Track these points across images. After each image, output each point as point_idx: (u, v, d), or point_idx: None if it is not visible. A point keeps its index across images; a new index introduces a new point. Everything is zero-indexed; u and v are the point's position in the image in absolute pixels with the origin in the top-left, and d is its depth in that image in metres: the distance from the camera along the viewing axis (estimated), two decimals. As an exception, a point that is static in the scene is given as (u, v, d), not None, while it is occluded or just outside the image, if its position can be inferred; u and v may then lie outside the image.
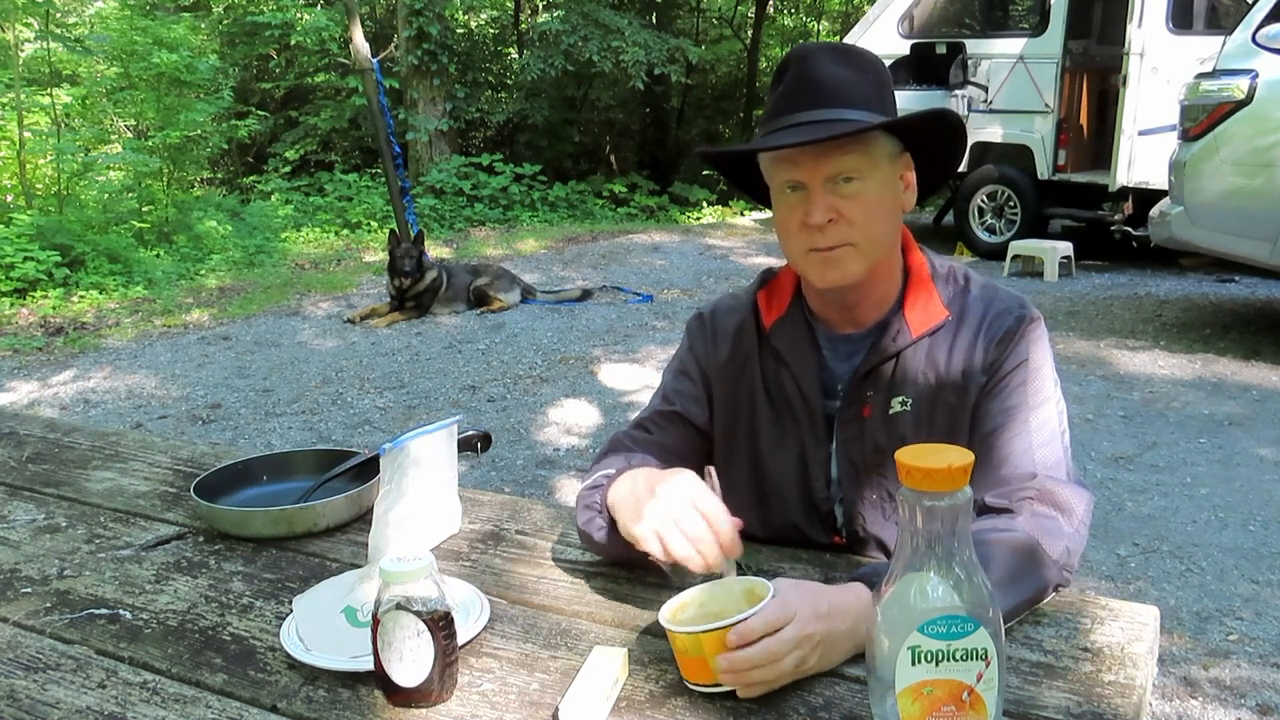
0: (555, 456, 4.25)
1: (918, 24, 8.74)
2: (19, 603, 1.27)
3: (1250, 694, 2.45)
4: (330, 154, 13.81)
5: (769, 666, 1.00)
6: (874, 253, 1.29)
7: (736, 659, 0.99)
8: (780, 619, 1.01)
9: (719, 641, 1.00)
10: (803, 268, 1.33)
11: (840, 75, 1.27)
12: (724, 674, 1.00)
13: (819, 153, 1.24)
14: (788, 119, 1.27)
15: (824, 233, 1.26)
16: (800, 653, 1.01)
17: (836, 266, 1.28)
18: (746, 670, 1.00)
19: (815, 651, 1.02)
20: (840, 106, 1.25)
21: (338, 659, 1.09)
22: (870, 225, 1.27)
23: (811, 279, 1.33)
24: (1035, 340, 1.31)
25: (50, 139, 9.00)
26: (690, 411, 1.43)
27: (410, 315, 6.82)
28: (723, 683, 1.01)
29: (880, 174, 1.27)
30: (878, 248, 1.30)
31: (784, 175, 1.28)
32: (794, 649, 1.01)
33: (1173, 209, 5.63)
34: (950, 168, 1.40)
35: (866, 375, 1.33)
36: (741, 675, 1.00)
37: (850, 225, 1.26)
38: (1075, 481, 1.26)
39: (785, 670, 1.01)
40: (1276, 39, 5.17)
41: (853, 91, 1.26)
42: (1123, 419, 4.49)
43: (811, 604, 1.04)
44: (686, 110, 15.66)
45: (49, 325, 6.81)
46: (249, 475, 1.59)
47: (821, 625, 1.03)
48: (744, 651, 0.99)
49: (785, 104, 1.28)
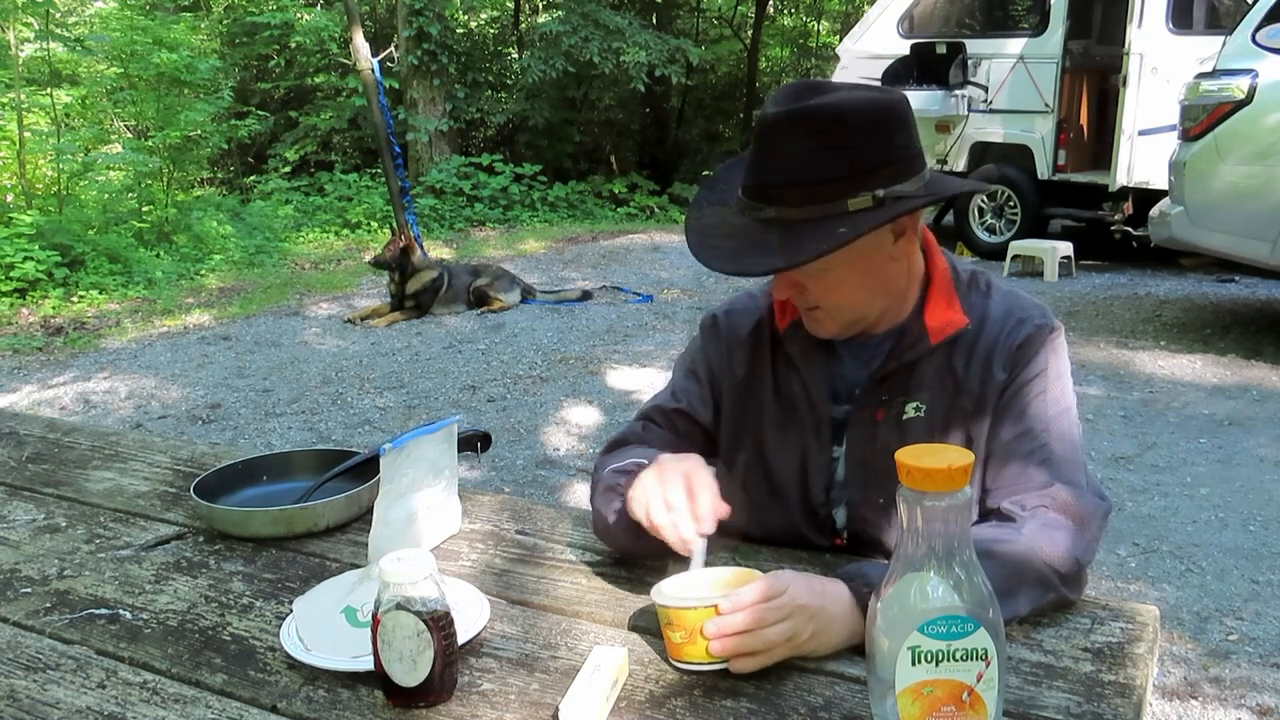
0: (555, 456, 4.25)
1: (918, 24, 8.74)
2: (19, 603, 1.27)
3: (1250, 694, 2.45)
4: (330, 154, 13.80)
5: (757, 634, 1.01)
6: (851, 316, 1.30)
7: (724, 623, 1.01)
8: (773, 590, 1.03)
9: (711, 615, 1.01)
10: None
11: (797, 159, 1.18)
12: (712, 641, 1.01)
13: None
14: (746, 205, 1.23)
15: (795, 300, 1.28)
16: (793, 623, 1.02)
17: (816, 322, 1.31)
18: (733, 636, 1.01)
19: (809, 625, 1.04)
20: (791, 204, 1.18)
21: (338, 659, 1.09)
22: (840, 301, 1.27)
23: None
24: (1055, 350, 1.30)
25: (50, 139, 8.99)
26: (697, 412, 1.43)
27: (410, 315, 6.82)
28: (713, 654, 1.02)
29: (847, 255, 1.20)
30: (855, 312, 1.30)
31: None
32: (785, 618, 1.02)
33: (1173, 209, 5.63)
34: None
35: (882, 380, 1.32)
36: (729, 643, 1.01)
37: (816, 299, 1.27)
38: (1094, 491, 1.25)
39: (774, 639, 1.02)
40: (1276, 39, 5.17)
41: (810, 177, 1.17)
42: (1123, 419, 4.49)
43: (805, 582, 1.07)
44: (686, 110, 15.66)
45: (49, 325, 6.81)
46: (249, 475, 1.59)
47: (815, 600, 1.05)
48: (732, 617, 1.01)
49: (745, 187, 1.24)
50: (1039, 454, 1.25)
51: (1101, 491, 1.27)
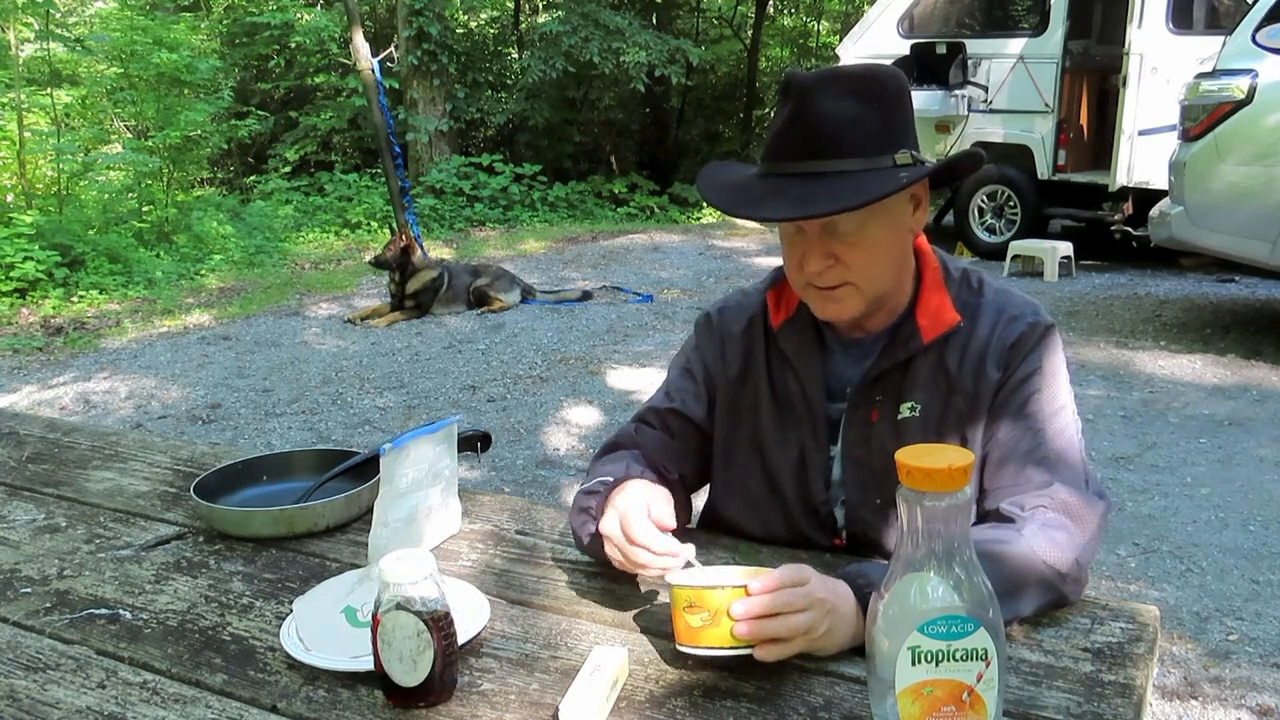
0: (555, 456, 4.25)
1: (917, 24, 8.73)
2: (19, 603, 1.27)
3: (1250, 694, 2.45)
4: (330, 154, 13.80)
5: (783, 619, 1.01)
6: (876, 289, 1.29)
7: (752, 604, 1.00)
8: (798, 577, 1.04)
9: (739, 596, 1.01)
10: (803, 296, 1.33)
11: (843, 115, 1.20)
12: (739, 621, 1.00)
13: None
14: (785, 166, 1.23)
15: (822, 275, 1.26)
16: (813, 614, 1.03)
17: (836, 303, 1.29)
18: (760, 619, 1.00)
19: (825, 620, 1.04)
20: (841, 156, 1.20)
21: (338, 659, 1.09)
22: (871, 268, 1.26)
23: (812, 309, 1.33)
24: (1049, 348, 1.30)
25: (50, 139, 8.99)
26: (691, 410, 1.43)
27: (410, 315, 6.82)
28: (738, 636, 1.01)
29: (884, 215, 1.24)
30: (880, 284, 1.29)
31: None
32: (808, 607, 1.02)
33: (1173, 209, 5.63)
34: (966, 174, 1.40)
35: (876, 379, 1.32)
36: (756, 626, 1.00)
37: (849, 269, 1.25)
38: (1093, 490, 1.25)
39: (798, 626, 1.02)
40: (1276, 39, 5.17)
41: (856, 133, 1.20)
42: (1123, 419, 4.49)
43: (820, 578, 1.07)
44: (686, 110, 15.65)
45: (49, 325, 6.81)
46: (249, 475, 1.59)
47: (831, 596, 1.06)
48: (760, 598, 1.01)
49: (783, 147, 1.23)
50: (1036, 454, 1.25)
51: (1101, 491, 1.27)
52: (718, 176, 1.34)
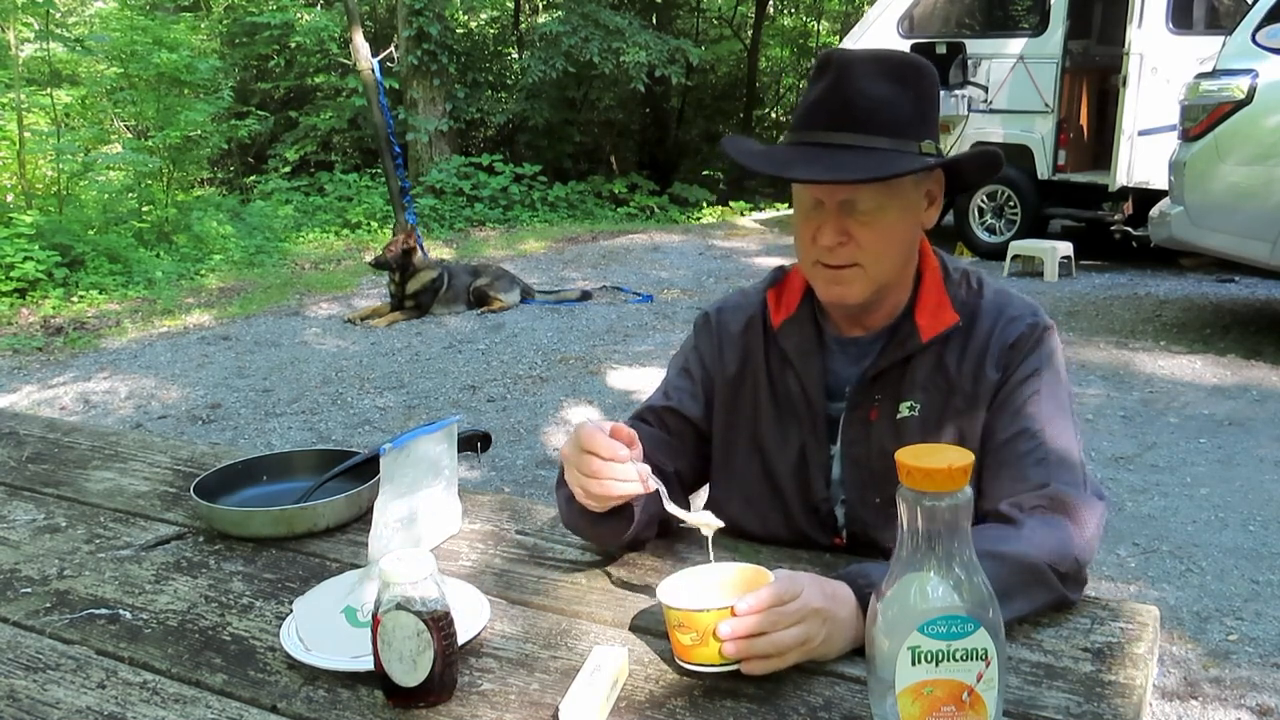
0: (555, 456, 4.25)
1: (917, 24, 8.74)
2: (19, 603, 1.27)
3: (1250, 694, 2.45)
4: (330, 154, 13.81)
5: (771, 637, 1.00)
6: (883, 276, 1.29)
7: (738, 625, 1.00)
8: (788, 593, 1.02)
9: (725, 617, 1.01)
10: (810, 277, 1.33)
11: (878, 94, 1.22)
12: (726, 642, 1.00)
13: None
14: (816, 135, 1.24)
15: (833, 252, 1.26)
16: (806, 627, 1.02)
17: (842, 284, 1.29)
18: (747, 639, 1.00)
19: (822, 629, 1.03)
20: (873, 133, 1.22)
21: (338, 659, 1.09)
22: (882, 251, 1.27)
23: (817, 290, 1.34)
24: (1048, 349, 1.30)
25: (50, 139, 9.00)
26: (688, 408, 1.43)
27: (410, 315, 6.82)
28: (726, 655, 1.01)
29: (902, 200, 1.26)
30: (887, 271, 1.29)
31: (802, 187, 1.28)
32: (799, 621, 1.01)
33: (1173, 209, 5.63)
34: (977, 185, 1.41)
35: (875, 379, 1.32)
36: (744, 645, 1.00)
37: (860, 249, 1.25)
38: (1091, 491, 1.25)
39: (788, 643, 1.01)
40: (1276, 39, 5.17)
41: (890, 114, 1.22)
42: (1123, 419, 4.49)
43: (818, 584, 1.06)
44: (686, 110, 15.66)
45: (49, 325, 6.81)
46: (249, 475, 1.59)
47: (828, 604, 1.05)
48: (746, 619, 1.00)
49: (816, 117, 1.25)
50: (1035, 454, 1.25)
51: (1100, 490, 1.27)
52: (742, 144, 1.36)
